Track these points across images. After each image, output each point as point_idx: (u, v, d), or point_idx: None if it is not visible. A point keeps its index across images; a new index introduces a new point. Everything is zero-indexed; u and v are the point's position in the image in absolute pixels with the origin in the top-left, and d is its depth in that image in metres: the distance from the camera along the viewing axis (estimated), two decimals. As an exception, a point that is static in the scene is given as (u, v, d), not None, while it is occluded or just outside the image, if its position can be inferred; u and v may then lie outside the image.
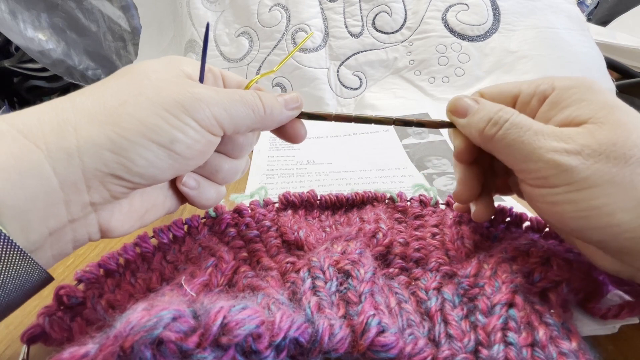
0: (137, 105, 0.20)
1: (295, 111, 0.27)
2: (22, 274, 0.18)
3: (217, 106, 0.22)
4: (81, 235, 0.21)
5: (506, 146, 0.22)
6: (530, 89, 0.24)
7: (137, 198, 0.24)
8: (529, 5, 0.70)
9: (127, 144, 0.19)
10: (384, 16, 0.71)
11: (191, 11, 0.75)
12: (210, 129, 0.22)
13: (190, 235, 0.30)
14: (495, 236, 0.29)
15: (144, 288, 0.25)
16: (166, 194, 0.26)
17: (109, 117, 0.20)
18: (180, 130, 0.21)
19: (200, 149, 0.22)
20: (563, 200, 0.20)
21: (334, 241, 0.26)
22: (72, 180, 0.19)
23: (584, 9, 1.22)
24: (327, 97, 0.69)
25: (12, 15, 0.87)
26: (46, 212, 0.18)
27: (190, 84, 0.23)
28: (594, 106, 0.21)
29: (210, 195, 0.27)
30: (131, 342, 0.14)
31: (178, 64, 0.24)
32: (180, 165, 0.22)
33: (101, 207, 0.21)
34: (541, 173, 0.21)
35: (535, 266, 0.24)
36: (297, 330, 0.18)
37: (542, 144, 0.21)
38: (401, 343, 0.19)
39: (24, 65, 0.98)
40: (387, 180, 0.47)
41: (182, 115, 0.21)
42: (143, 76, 0.22)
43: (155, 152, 0.21)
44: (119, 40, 1.02)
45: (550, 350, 0.19)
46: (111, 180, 0.20)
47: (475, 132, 0.24)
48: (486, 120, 0.23)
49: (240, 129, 0.24)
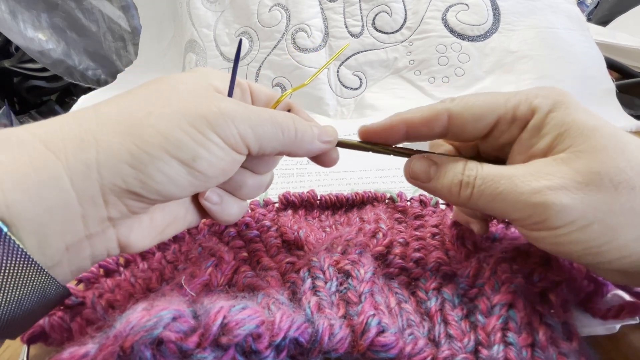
0: (161, 117, 0.19)
1: (327, 145, 0.25)
2: (40, 289, 0.18)
3: (243, 123, 0.21)
4: (99, 251, 0.20)
5: (488, 202, 0.21)
6: (508, 114, 0.22)
7: (157, 212, 0.23)
8: (529, 5, 0.70)
9: (148, 158, 0.19)
10: (384, 16, 0.71)
11: (191, 11, 0.75)
12: (235, 146, 0.21)
13: (190, 235, 0.30)
14: (495, 236, 0.29)
15: (144, 288, 0.25)
16: (188, 208, 0.25)
17: (132, 128, 0.19)
18: (204, 147, 0.20)
19: (224, 167, 0.21)
20: (568, 241, 0.19)
21: (334, 241, 0.26)
22: (90, 194, 0.18)
23: (584, 9, 1.22)
24: (327, 97, 0.69)
25: (12, 15, 0.87)
26: (63, 227, 0.18)
27: (218, 97, 0.22)
28: (573, 132, 0.20)
29: (232, 210, 0.26)
30: (131, 342, 0.14)
31: (207, 77, 0.23)
32: (200, 183, 0.21)
33: (119, 222, 0.20)
34: (534, 218, 0.19)
35: (535, 266, 0.24)
36: (297, 330, 0.18)
37: (522, 189, 0.19)
38: (401, 343, 0.19)
39: (24, 65, 0.98)
40: (387, 180, 0.47)
41: (207, 130, 0.20)
42: (171, 87, 0.21)
43: (176, 169, 0.20)
44: (119, 40, 1.02)
45: (550, 351, 0.19)
46: (128, 196, 0.19)
47: (449, 197, 0.23)
48: (457, 184, 0.22)
49: (266, 150, 0.23)
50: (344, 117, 0.70)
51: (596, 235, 0.18)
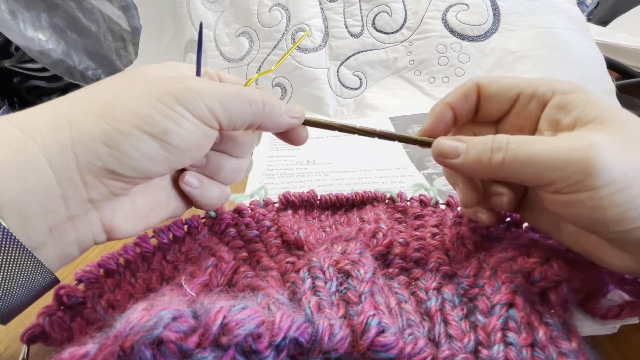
0: (130, 98, 0.20)
1: (295, 120, 0.27)
2: (24, 271, 0.18)
3: (210, 97, 0.22)
4: (85, 236, 0.21)
5: (521, 165, 0.20)
6: (529, 90, 0.24)
7: (139, 196, 0.24)
8: (529, 5, 0.70)
9: (120, 135, 0.19)
10: (384, 16, 0.71)
11: (191, 11, 0.75)
12: (204, 120, 0.22)
13: (190, 235, 0.30)
14: (495, 236, 0.29)
15: (144, 288, 0.25)
16: (170, 194, 0.26)
17: (103, 109, 0.20)
18: (174, 121, 0.21)
19: (195, 140, 0.22)
20: (607, 203, 0.18)
21: (334, 241, 0.26)
22: (68, 174, 0.19)
23: (584, 9, 1.22)
24: (327, 97, 0.69)
25: (12, 15, 0.87)
26: (44, 207, 0.18)
27: (185, 77, 0.23)
28: (597, 107, 0.21)
29: (213, 194, 0.27)
30: (131, 342, 0.14)
31: (176, 67, 0.25)
32: (175, 158, 0.22)
33: (102, 205, 0.21)
34: (574, 178, 0.19)
35: (535, 266, 0.24)
36: (297, 330, 0.18)
37: (562, 147, 0.19)
38: (401, 343, 0.19)
39: (24, 65, 0.98)
40: (387, 180, 0.47)
41: (175, 105, 0.21)
42: (139, 74, 0.22)
43: (149, 144, 0.20)
44: (119, 40, 1.02)
45: (550, 351, 0.19)
46: (106, 175, 0.20)
47: (479, 166, 0.22)
48: (488, 151, 0.22)
49: (237, 123, 0.24)
50: (344, 117, 0.70)
51: (635, 196, 0.18)
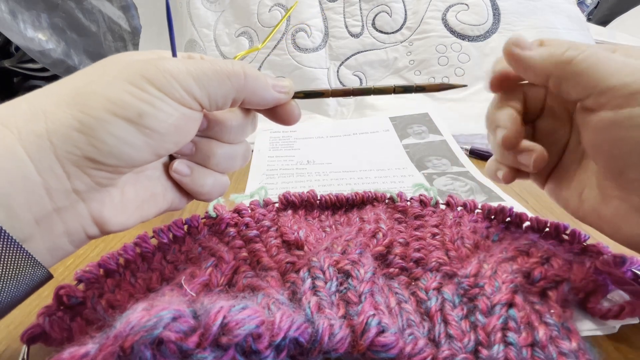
0: (101, 83, 0.20)
1: (282, 95, 0.25)
2: (13, 263, 0.18)
3: (184, 75, 0.21)
4: (74, 229, 0.21)
5: (589, 66, 0.21)
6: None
7: (129, 187, 0.23)
8: (529, 5, 0.70)
9: (95, 122, 0.19)
10: (384, 16, 0.71)
11: (191, 11, 0.75)
12: (182, 101, 0.21)
13: (190, 235, 0.30)
14: (495, 236, 0.29)
15: (144, 288, 0.25)
16: (165, 185, 0.25)
17: (75, 97, 0.20)
18: (148, 103, 0.20)
19: (174, 122, 0.21)
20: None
21: (334, 241, 0.26)
22: (48, 164, 0.19)
23: (584, 9, 1.22)
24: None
25: (12, 15, 0.87)
26: (27, 198, 0.18)
27: (158, 57, 0.22)
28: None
29: (205, 182, 0.26)
30: (131, 342, 0.14)
31: (157, 52, 0.24)
32: (156, 142, 0.21)
33: (88, 196, 0.21)
34: (634, 87, 0.20)
35: (535, 266, 0.24)
36: (297, 330, 0.18)
37: (630, 62, 0.20)
38: (401, 343, 0.19)
39: (24, 65, 0.98)
40: (387, 180, 0.47)
41: (148, 86, 0.20)
42: (114, 60, 0.22)
43: (125, 128, 0.20)
44: (119, 40, 1.02)
45: (550, 350, 0.19)
46: (87, 164, 0.20)
47: (549, 58, 0.23)
48: (565, 47, 0.22)
49: (218, 101, 0.23)
50: (344, 117, 0.70)
51: None
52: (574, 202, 0.26)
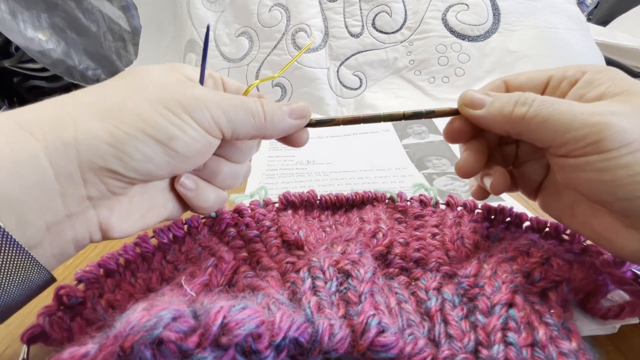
0: (137, 102, 0.21)
1: (300, 121, 0.27)
2: (20, 270, 0.18)
3: (216, 108, 0.22)
4: (81, 234, 0.21)
5: (542, 121, 0.22)
6: (559, 73, 0.25)
7: (136, 196, 0.24)
8: (529, 5, 0.70)
9: (126, 137, 0.20)
10: (384, 16, 0.71)
11: (191, 11, 0.75)
12: (209, 129, 0.22)
13: (190, 235, 0.30)
14: (495, 236, 0.29)
15: (144, 288, 0.25)
16: (167, 197, 0.26)
17: (109, 111, 0.20)
18: (179, 128, 0.21)
19: (199, 148, 0.22)
20: (617, 165, 0.20)
21: (334, 241, 0.26)
22: (68, 171, 0.19)
23: (584, 9, 1.22)
24: (327, 97, 0.69)
25: (12, 15, 0.87)
26: (42, 205, 0.18)
27: (191, 84, 0.23)
28: (625, 83, 0.22)
29: (209, 197, 0.27)
30: (131, 342, 0.14)
31: (180, 69, 0.25)
32: (177, 163, 0.22)
33: (99, 203, 0.21)
34: (589, 139, 0.20)
35: (535, 266, 0.24)
36: (297, 330, 0.18)
37: (583, 110, 0.21)
38: (401, 343, 0.19)
39: (24, 65, 0.98)
40: (387, 180, 0.47)
41: (181, 113, 0.21)
42: (145, 77, 0.22)
43: (153, 148, 0.21)
44: (119, 40, 1.02)
45: (550, 350, 0.19)
46: (107, 174, 0.20)
47: (500, 117, 0.24)
48: (512, 103, 0.23)
49: (240, 134, 0.24)
50: (344, 117, 0.70)
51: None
52: (566, 215, 0.26)
